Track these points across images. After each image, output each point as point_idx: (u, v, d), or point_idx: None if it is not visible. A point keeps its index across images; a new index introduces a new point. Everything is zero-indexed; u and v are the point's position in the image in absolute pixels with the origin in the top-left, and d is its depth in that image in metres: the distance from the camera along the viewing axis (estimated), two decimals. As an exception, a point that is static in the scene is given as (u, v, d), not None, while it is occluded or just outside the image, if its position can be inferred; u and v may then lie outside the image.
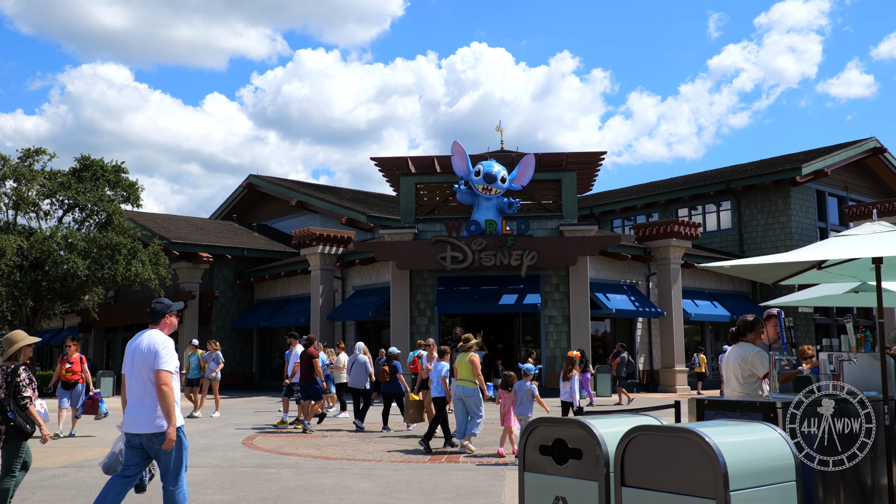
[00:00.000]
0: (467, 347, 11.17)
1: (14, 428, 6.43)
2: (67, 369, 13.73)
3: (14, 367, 6.63)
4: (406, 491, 8.11)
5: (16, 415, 6.47)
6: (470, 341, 11.23)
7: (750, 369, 6.36)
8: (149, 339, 5.61)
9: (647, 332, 26.62)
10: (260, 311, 30.97)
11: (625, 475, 3.73)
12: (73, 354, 13.87)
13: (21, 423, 6.46)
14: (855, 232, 6.17)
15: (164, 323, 5.78)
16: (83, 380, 13.81)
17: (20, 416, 6.48)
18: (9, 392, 6.51)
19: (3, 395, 6.50)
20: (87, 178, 27.09)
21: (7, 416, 6.42)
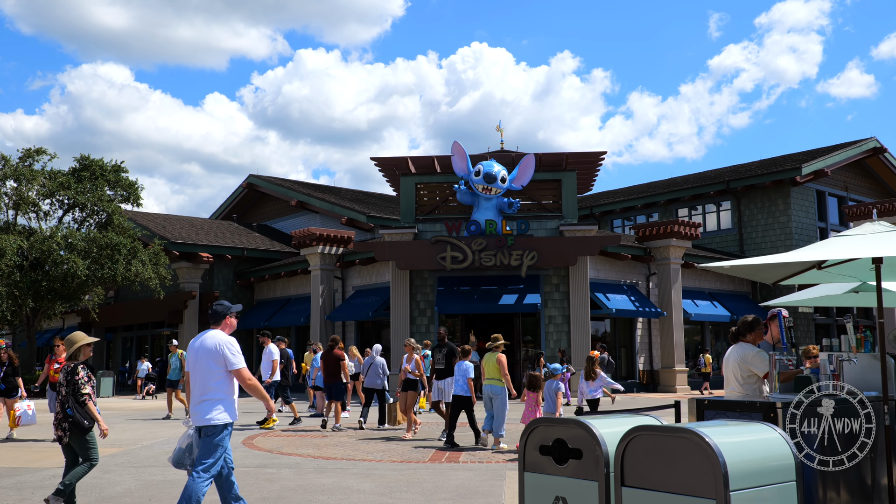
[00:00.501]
0: (495, 347, 11.47)
1: (73, 423, 6.76)
2: (56, 370, 12.97)
3: (73, 366, 6.98)
4: (406, 491, 8.11)
5: (74, 411, 6.79)
6: (498, 341, 11.53)
7: (750, 369, 6.35)
8: (212, 339, 5.99)
9: (647, 332, 26.62)
10: (260, 311, 30.97)
11: (625, 475, 3.74)
12: (62, 354, 13.09)
13: (79, 418, 6.78)
14: (855, 232, 6.17)
15: (224, 323, 6.17)
16: None
17: (78, 412, 6.80)
18: (69, 389, 6.86)
19: (64, 392, 6.85)
20: (87, 178, 27.10)
21: (66, 412, 6.77)
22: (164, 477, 9.06)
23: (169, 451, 11.33)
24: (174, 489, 8.24)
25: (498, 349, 11.47)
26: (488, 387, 11.37)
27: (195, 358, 6.01)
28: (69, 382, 6.89)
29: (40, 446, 12.02)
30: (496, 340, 11.58)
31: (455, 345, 14.08)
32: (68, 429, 6.76)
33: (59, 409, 6.85)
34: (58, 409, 6.88)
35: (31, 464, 10.24)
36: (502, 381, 11.32)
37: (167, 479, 8.87)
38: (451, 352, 13.32)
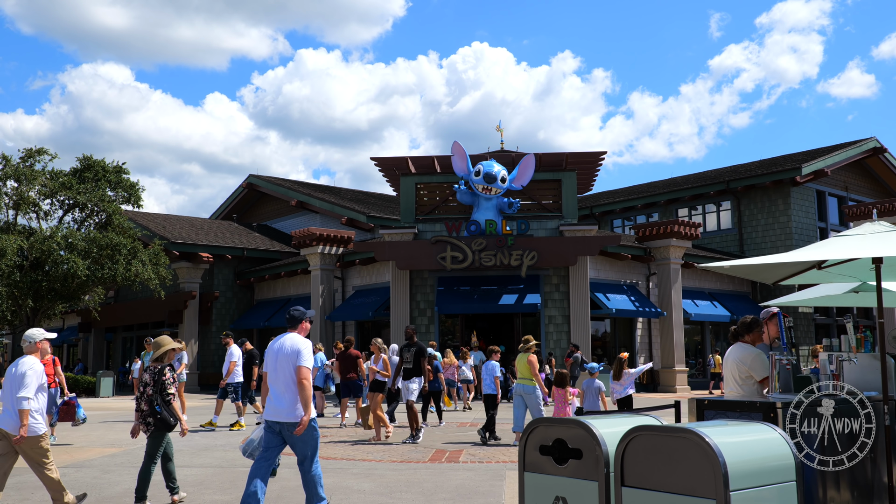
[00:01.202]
0: (527, 349, 11.75)
1: (160, 420, 7.22)
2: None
3: (160, 367, 7.42)
4: (406, 491, 8.10)
5: (162, 409, 7.26)
6: (530, 342, 11.83)
7: (748, 371, 6.34)
8: (290, 340, 6.49)
9: (647, 332, 26.62)
10: (260, 311, 30.97)
11: (625, 475, 3.73)
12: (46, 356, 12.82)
13: (166, 416, 7.26)
14: (855, 232, 6.17)
15: (301, 327, 6.67)
16: (56, 384, 12.38)
17: (165, 411, 7.27)
18: (156, 389, 7.30)
19: (151, 391, 7.28)
20: (90, 178, 27.11)
21: (155, 409, 7.22)
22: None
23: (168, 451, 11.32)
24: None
25: (529, 350, 11.75)
26: (520, 386, 11.69)
27: (275, 359, 6.46)
28: (156, 383, 7.31)
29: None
30: (528, 342, 11.87)
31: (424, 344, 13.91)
32: (153, 424, 7.21)
33: (145, 406, 7.26)
34: (143, 406, 7.28)
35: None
36: (533, 380, 11.60)
37: (167, 479, 8.86)
38: (420, 351, 13.10)
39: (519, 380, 11.79)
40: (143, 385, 7.39)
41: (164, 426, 7.27)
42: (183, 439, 12.73)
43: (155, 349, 7.57)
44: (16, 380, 6.62)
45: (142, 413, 7.32)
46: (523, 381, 11.69)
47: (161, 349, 7.55)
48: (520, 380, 11.77)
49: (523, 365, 11.68)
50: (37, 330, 7.22)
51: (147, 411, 7.28)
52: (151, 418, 7.25)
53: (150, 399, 7.29)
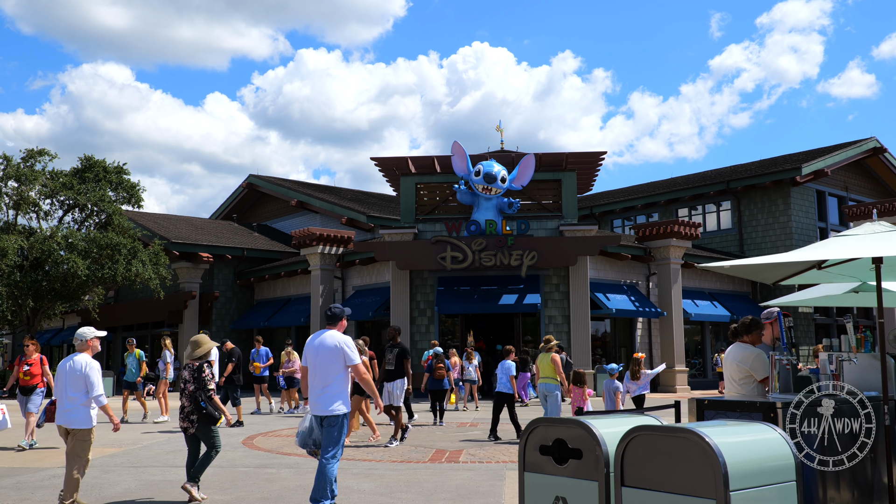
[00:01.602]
0: (548, 348, 11.99)
1: (205, 415, 7.52)
2: (25, 371, 11.93)
3: (199, 365, 7.69)
4: (406, 491, 8.10)
5: (207, 404, 7.55)
6: (551, 342, 12.09)
7: (747, 371, 6.35)
8: (331, 338, 6.77)
9: (648, 332, 26.62)
10: (260, 311, 30.97)
11: (625, 475, 3.74)
12: (33, 355, 12.06)
13: (211, 410, 7.55)
14: (855, 232, 6.17)
15: (340, 324, 6.96)
16: (43, 383, 12.02)
17: (210, 405, 7.56)
18: (198, 385, 7.56)
19: (193, 388, 7.55)
20: (90, 178, 27.12)
21: (200, 405, 7.51)
22: (163, 477, 9.06)
23: (168, 451, 11.33)
24: (174, 489, 8.24)
25: (551, 349, 11.95)
26: (543, 385, 11.93)
27: (315, 355, 6.74)
28: (196, 380, 7.57)
29: (40, 446, 12.01)
30: (549, 342, 12.14)
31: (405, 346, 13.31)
32: (197, 420, 7.51)
33: (187, 403, 7.54)
34: (185, 403, 7.55)
35: (31, 464, 10.24)
36: (556, 379, 11.81)
37: (167, 479, 8.87)
38: (403, 353, 12.66)
39: (542, 379, 11.99)
40: (183, 382, 7.64)
41: (210, 420, 7.54)
42: (181, 440, 12.74)
43: (193, 348, 7.76)
44: (75, 378, 7.12)
45: (183, 409, 7.57)
46: (546, 379, 11.90)
47: (200, 348, 7.74)
48: (542, 379, 11.97)
49: (546, 364, 11.88)
50: (87, 328, 7.56)
51: (190, 408, 7.52)
52: (195, 415, 7.52)
53: (192, 396, 7.54)
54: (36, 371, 12.02)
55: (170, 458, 10.74)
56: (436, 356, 16.69)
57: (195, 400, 7.54)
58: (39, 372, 12.01)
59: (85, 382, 7.12)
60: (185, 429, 7.61)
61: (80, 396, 7.13)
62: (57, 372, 7.34)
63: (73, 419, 7.11)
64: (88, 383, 7.11)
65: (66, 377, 7.19)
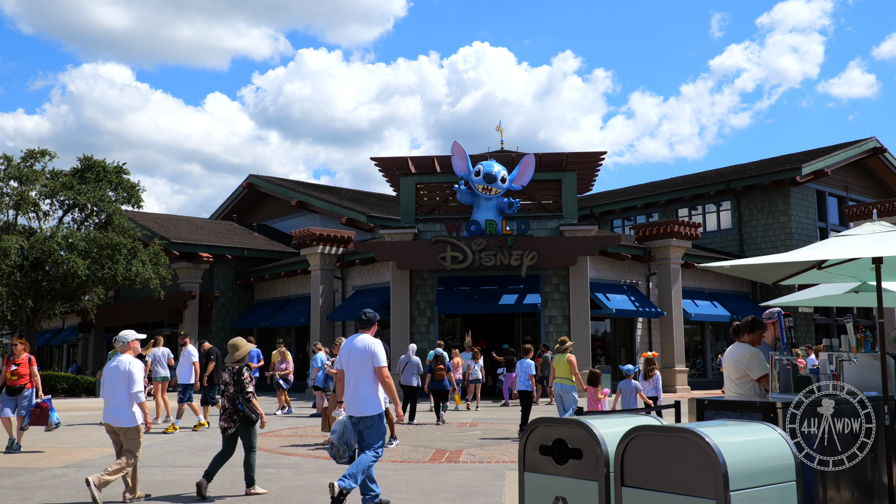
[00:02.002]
0: (564, 349, 12.23)
1: (243, 417, 7.78)
2: (13, 371, 11.43)
3: (239, 368, 7.93)
4: (406, 491, 8.10)
5: (244, 406, 7.80)
6: (566, 343, 12.31)
7: (744, 370, 6.36)
8: (362, 341, 7.08)
9: (648, 332, 26.61)
10: (260, 311, 30.97)
11: (625, 475, 3.73)
12: (21, 354, 11.56)
13: (248, 413, 7.79)
14: (855, 232, 6.17)
15: (372, 328, 7.28)
16: (32, 384, 11.53)
17: (247, 408, 7.81)
18: (237, 388, 7.82)
19: (232, 391, 7.81)
20: (90, 178, 27.12)
21: (237, 407, 7.77)
22: (163, 477, 9.06)
23: (168, 451, 11.33)
24: (174, 489, 8.25)
25: (567, 350, 12.20)
26: (558, 385, 12.12)
27: (349, 358, 7.07)
28: (236, 382, 7.83)
29: (40, 446, 12.01)
30: (564, 343, 12.33)
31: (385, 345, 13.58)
32: (237, 421, 7.78)
33: (227, 404, 7.83)
34: (226, 404, 7.84)
35: (30, 464, 10.23)
36: (572, 379, 12.02)
37: (167, 479, 8.87)
38: None
39: (557, 379, 12.16)
40: (223, 384, 7.94)
41: (247, 422, 7.81)
42: (182, 439, 12.74)
43: (232, 351, 8.00)
44: (121, 378, 7.48)
45: (225, 410, 7.87)
46: (561, 380, 12.08)
47: (239, 351, 8.00)
48: (558, 379, 12.15)
49: (562, 365, 12.09)
50: (129, 331, 7.96)
51: (230, 409, 7.83)
52: (236, 415, 7.81)
53: (231, 398, 7.83)
54: (24, 371, 11.52)
55: (170, 458, 10.73)
56: (436, 357, 16.77)
57: (235, 402, 7.83)
58: (28, 372, 11.51)
59: (128, 381, 7.47)
60: (225, 428, 7.87)
61: (125, 396, 7.46)
62: (103, 374, 7.66)
63: (119, 418, 7.43)
64: (130, 380, 7.45)
65: (112, 378, 7.52)
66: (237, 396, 7.82)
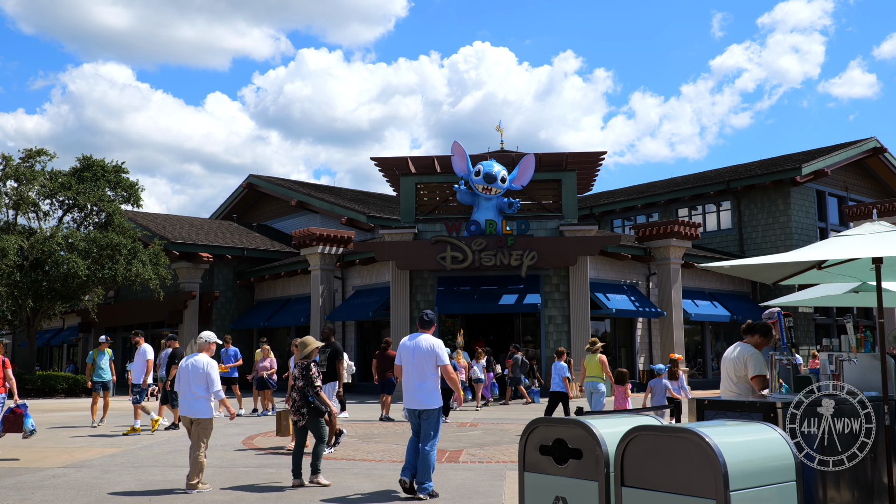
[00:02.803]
0: (594, 350, 12.83)
1: (313, 409, 8.33)
2: None
3: (307, 363, 8.47)
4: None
5: (314, 399, 8.35)
6: (597, 344, 12.94)
7: (744, 370, 6.38)
8: (426, 340, 7.65)
9: (647, 332, 26.61)
10: (260, 311, 30.97)
11: (625, 475, 3.73)
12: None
13: (318, 404, 8.36)
14: (855, 232, 6.17)
15: (432, 329, 7.86)
16: (4, 389, 10.75)
17: (317, 400, 8.36)
18: (306, 382, 8.35)
19: (302, 384, 8.33)
20: (89, 178, 27.12)
21: (308, 399, 8.32)
22: (163, 477, 9.06)
23: (168, 452, 11.33)
24: (174, 489, 8.24)
25: (597, 351, 12.80)
26: (590, 383, 12.68)
27: (412, 355, 7.59)
28: (305, 377, 8.36)
29: (40, 446, 12.02)
30: (594, 343, 12.89)
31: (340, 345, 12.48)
32: (307, 413, 8.31)
33: (297, 397, 8.37)
34: (296, 397, 8.38)
35: (31, 464, 10.23)
36: (602, 377, 12.60)
37: (167, 479, 8.87)
38: (335, 353, 11.83)
39: (588, 377, 12.70)
40: (293, 379, 8.45)
41: (317, 413, 8.32)
42: (182, 440, 12.74)
43: (301, 348, 8.59)
44: (197, 375, 8.16)
45: (294, 403, 8.39)
46: (592, 378, 12.63)
47: (307, 348, 8.59)
48: (589, 377, 12.69)
49: (594, 364, 12.67)
50: (208, 333, 8.69)
51: (300, 402, 8.33)
52: (305, 408, 8.30)
53: (301, 391, 8.33)
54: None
55: (170, 458, 10.73)
56: None
57: (304, 395, 8.33)
58: (2, 375, 10.74)
59: (206, 379, 8.18)
60: (296, 421, 8.40)
61: (201, 391, 8.17)
62: (180, 370, 8.34)
63: (196, 410, 8.14)
64: (209, 380, 8.18)
65: (190, 375, 8.21)
66: (307, 390, 8.31)
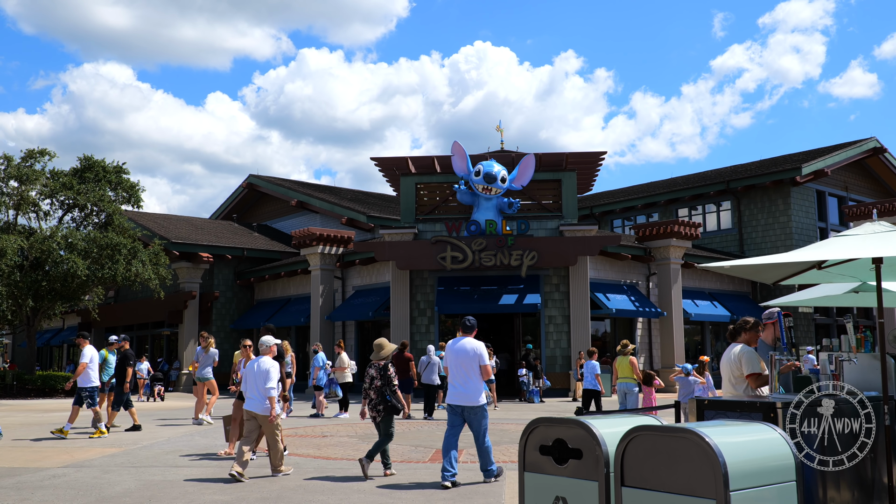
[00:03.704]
0: (626, 352, 13.30)
1: (391, 407, 8.85)
2: None
3: (385, 364, 9.02)
4: (406, 491, 8.10)
5: (392, 397, 8.85)
6: (628, 346, 13.45)
7: (740, 370, 6.40)
8: (469, 343, 8.34)
9: (648, 332, 26.61)
10: (260, 311, 30.95)
11: (625, 475, 3.73)
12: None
13: (395, 403, 8.90)
14: (855, 232, 6.16)
15: (474, 332, 8.55)
16: None
17: (394, 399, 8.87)
18: (384, 382, 8.87)
19: (380, 384, 8.86)
20: (90, 178, 27.12)
21: (386, 398, 8.83)
22: (163, 477, 9.05)
23: (168, 452, 11.32)
24: (174, 489, 8.24)
25: (629, 353, 13.29)
26: (622, 384, 13.24)
27: (456, 357, 8.27)
28: (382, 377, 8.90)
29: (40, 446, 12.02)
30: (626, 346, 13.38)
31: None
32: (383, 411, 8.83)
33: (374, 396, 8.86)
34: (373, 395, 8.87)
35: (31, 464, 10.23)
36: (634, 378, 13.08)
37: (167, 479, 8.87)
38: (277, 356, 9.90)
39: (620, 378, 13.21)
40: (369, 378, 8.97)
41: (393, 411, 8.87)
42: (182, 440, 12.74)
43: (378, 350, 9.15)
44: (261, 375, 8.88)
45: (371, 401, 8.88)
46: (624, 379, 13.14)
47: (384, 350, 9.14)
48: (621, 378, 13.20)
49: (625, 366, 13.19)
50: (269, 337, 9.41)
51: (376, 400, 8.84)
52: (381, 406, 8.81)
53: (378, 390, 8.83)
54: None
55: (170, 458, 10.72)
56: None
57: (382, 394, 8.82)
58: None
59: (266, 378, 8.86)
60: (374, 417, 8.92)
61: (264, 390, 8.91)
62: (246, 370, 9.19)
63: (259, 407, 8.85)
64: (268, 379, 8.85)
65: (255, 375, 8.97)
66: (385, 389, 8.84)
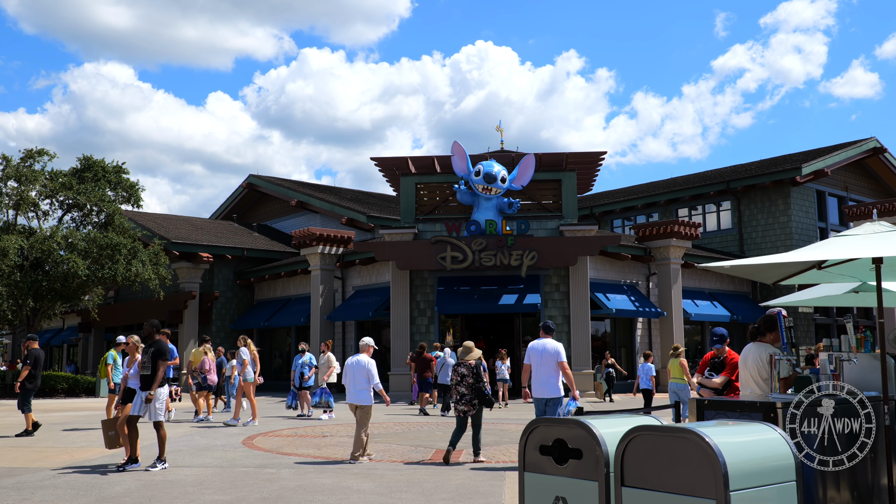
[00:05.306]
0: (677, 354, 14.02)
1: (486, 401, 10.02)
2: None
3: (476, 363, 10.16)
4: (406, 491, 8.10)
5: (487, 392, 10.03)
6: (679, 349, 14.15)
7: (766, 370, 6.31)
8: (551, 343, 9.62)
9: (647, 332, 26.61)
10: (260, 311, 30.96)
11: (625, 475, 3.73)
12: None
13: (489, 397, 10.08)
14: (855, 232, 6.16)
15: (553, 334, 9.72)
16: None
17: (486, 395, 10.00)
18: (475, 379, 9.99)
19: (472, 381, 9.97)
20: (89, 178, 27.12)
21: (483, 393, 9.97)
22: (164, 477, 9.06)
23: (168, 452, 11.31)
24: (174, 489, 8.24)
25: (679, 355, 13.98)
26: (674, 384, 13.96)
27: (539, 355, 9.56)
28: (475, 375, 10.00)
29: (40, 446, 12.02)
30: (677, 349, 14.07)
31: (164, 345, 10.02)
32: (478, 404, 9.99)
33: (466, 392, 9.96)
34: (465, 391, 9.97)
35: (31, 464, 10.23)
36: (684, 379, 13.73)
37: (167, 479, 8.87)
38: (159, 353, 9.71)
39: (673, 379, 13.95)
40: (459, 376, 10.04)
41: (488, 405, 10.06)
42: (182, 440, 12.74)
43: (466, 352, 10.30)
44: (361, 370, 10.26)
45: (462, 396, 9.96)
46: (676, 380, 13.83)
47: (472, 353, 10.31)
48: (673, 379, 13.92)
49: (676, 367, 13.91)
50: (368, 338, 10.74)
51: (468, 395, 9.93)
52: (476, 400, 9.94)
53: (471, 386, 9.95)
54: None
55: (170, 458, 10.72)
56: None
57: (477, 389, 9.93)
58: None
59: (367, 374, 10.25)
60: (466, 411, 9.97)
61: (364, 383, 10.25)
62: (346, 366, 10.47)
63: (359, 399, 10.23)
64: (370, 375, 10.27)
65: (355, 370, 10.30)
66: (480, 385, 9.92)
